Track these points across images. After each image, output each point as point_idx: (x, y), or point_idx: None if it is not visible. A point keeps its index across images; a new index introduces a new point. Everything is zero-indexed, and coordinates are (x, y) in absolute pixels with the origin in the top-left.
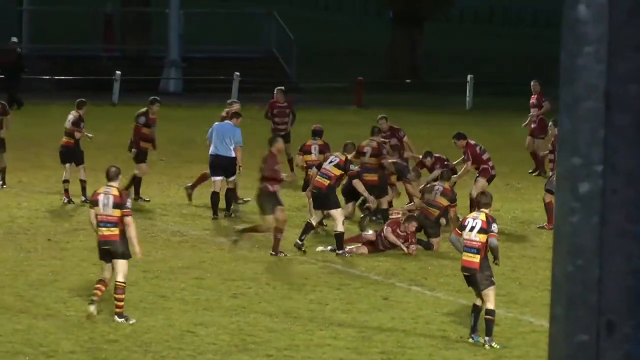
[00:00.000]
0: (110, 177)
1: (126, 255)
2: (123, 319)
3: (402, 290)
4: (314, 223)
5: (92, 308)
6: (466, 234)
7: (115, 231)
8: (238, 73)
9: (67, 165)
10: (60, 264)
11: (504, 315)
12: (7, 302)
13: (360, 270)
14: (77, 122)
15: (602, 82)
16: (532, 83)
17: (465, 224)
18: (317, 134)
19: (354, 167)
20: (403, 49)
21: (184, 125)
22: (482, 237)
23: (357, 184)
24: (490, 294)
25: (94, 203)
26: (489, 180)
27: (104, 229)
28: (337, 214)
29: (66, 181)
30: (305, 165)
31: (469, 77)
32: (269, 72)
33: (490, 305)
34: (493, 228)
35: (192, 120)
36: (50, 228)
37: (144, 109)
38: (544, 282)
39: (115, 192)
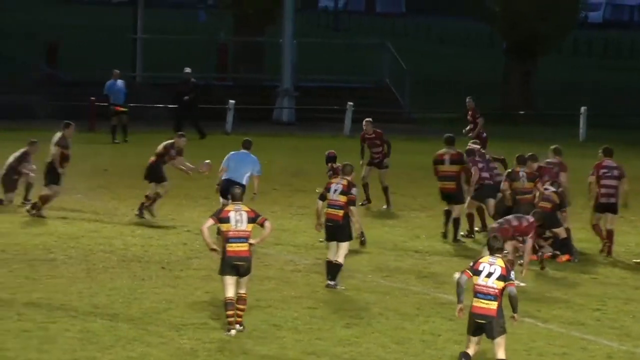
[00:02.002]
0: (236, 198)
1: (251, 270)
2: (242, 327)
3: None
4: (332, 258)
5: (233, 332)
6: (482, 279)
7: (246, 246)
8: (351, 103)
9: (151, 183)
10: (173, 292)
11: (617, 348)
12: (120, 329)
13: None
14: (168, 147)
15: None
16: (466, 100)
17: (480, 268)
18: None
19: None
20: (517, 80)
21: (296, 155)
22: (500, 285)
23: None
24: (502, 342)
25: (224, 220)
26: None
27: (237, 244)
28: (346, 247)
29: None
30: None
31: (582, 109)
32: (382, 102)
33: (501, 354)
34: (512, 276)
35: (304, 150)
36: (164, 256)
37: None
38: None
39: (247, 209)
